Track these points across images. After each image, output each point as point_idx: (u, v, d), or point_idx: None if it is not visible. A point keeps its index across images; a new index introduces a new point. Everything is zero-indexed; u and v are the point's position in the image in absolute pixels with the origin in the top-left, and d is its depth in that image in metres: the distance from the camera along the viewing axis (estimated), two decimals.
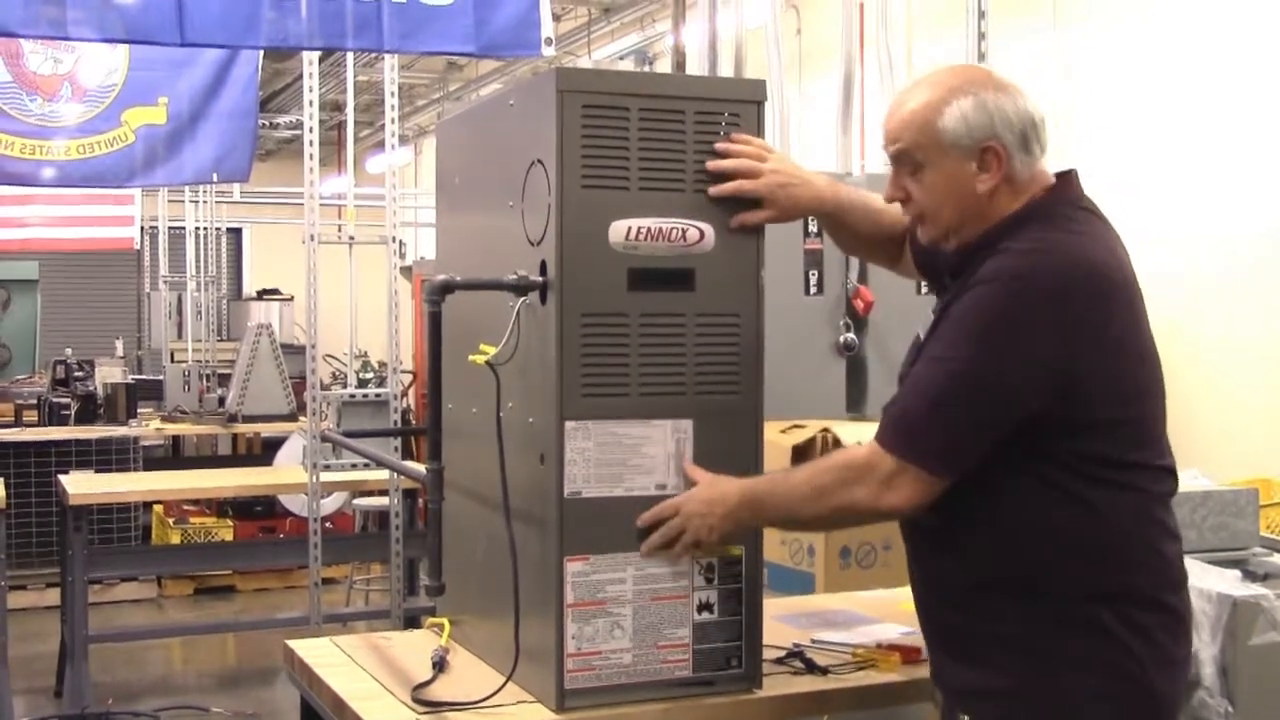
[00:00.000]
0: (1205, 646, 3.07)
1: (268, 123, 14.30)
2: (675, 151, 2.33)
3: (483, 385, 2.41)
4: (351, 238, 6.16)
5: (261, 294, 15.46)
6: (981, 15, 3.84)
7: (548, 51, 4.36)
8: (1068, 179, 2.29)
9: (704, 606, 2.37)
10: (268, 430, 9.13)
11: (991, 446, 2.12)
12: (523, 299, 2.33)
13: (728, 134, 2.36)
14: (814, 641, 2.66)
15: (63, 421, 8.63)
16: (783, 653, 2.57)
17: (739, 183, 2.34)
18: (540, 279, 2.30)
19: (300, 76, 5.99)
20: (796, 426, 4.21)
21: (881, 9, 3.68)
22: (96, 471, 7.91)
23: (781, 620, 2.80)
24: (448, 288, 2.39)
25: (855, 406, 3.33)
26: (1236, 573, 3.33)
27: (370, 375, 9.21)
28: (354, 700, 2.40)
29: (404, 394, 8.67)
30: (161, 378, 9.68)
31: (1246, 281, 6.00)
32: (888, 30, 3.63)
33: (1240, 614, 3.16)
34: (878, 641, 2.62)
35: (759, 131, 2.40)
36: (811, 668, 2.52)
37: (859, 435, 3.97)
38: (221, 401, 9.13)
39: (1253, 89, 6.22)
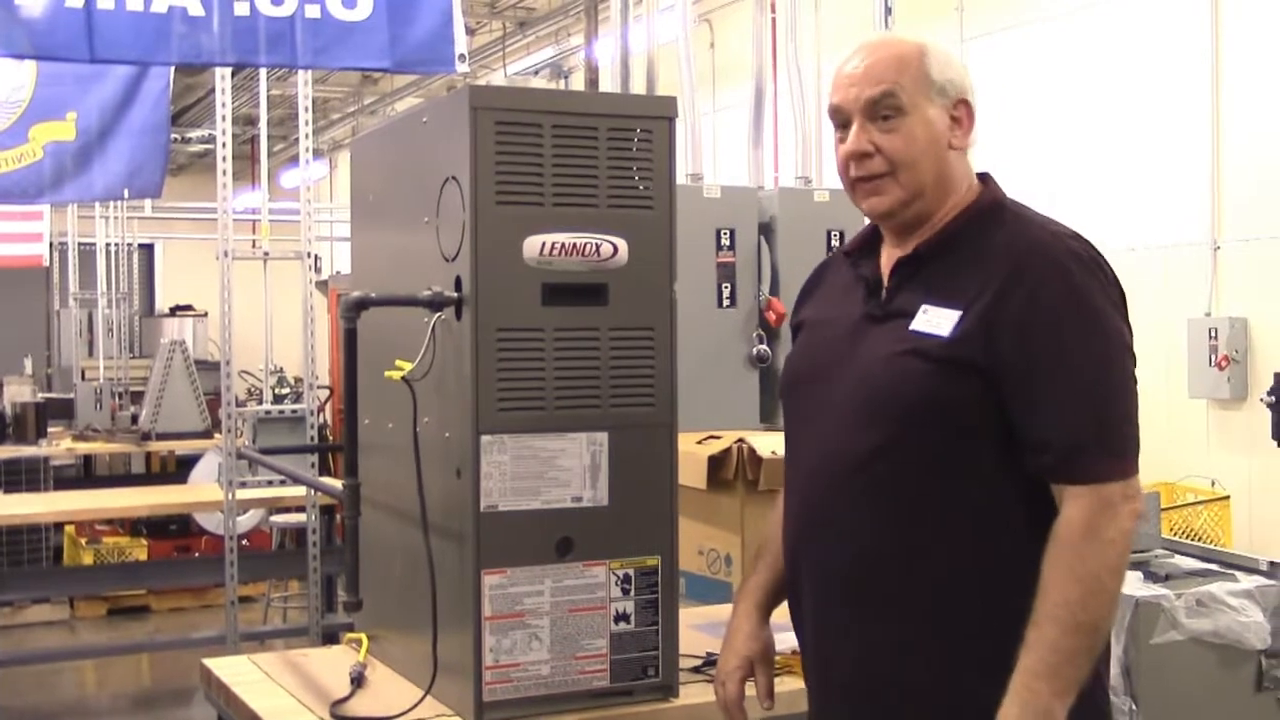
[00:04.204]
0: (1109, 647, 3.16)
1: (180, 137, 14.16)
2: (588, 168, 2.36)
3: (399, 401, 2.43)
4: (266, 253, 6.12)
5: (174, 310, 15.28)
6: (888, 30, 3.90)
7: (461, 68, 4.38)
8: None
9: (621, 617, 2.40)
10: (182, 448, 9.02)
11: None
12: (438, 314, 2.35)
13: (640, 150, 2.40)
14: None
15: None
16: (699, 661, 2.60)
17: None
18: (455, 295, 2.33)
19: (212, 90, 5.94)
20: (712, 437, 4.25)
21: (791, 22, 3.73)
22: (6, 492, 7.75)
23: (699, 629, 2.82)
24: (363, 304, 2.41)
25: (769, 417, 3.36)
26: (1139, 574, 3.42)
27: (286, 391, 9.14)
28: (272, 718, 2.40)
29: (320, 409, 8.60)
30: (72, 396, 9.53)
31: (1144, 291, 6.14)
32: (797, 43, 3.67)
33: (1142, 614, 3.26)
34: (793, 648, 2.64)
35: (670, 146, 2.43)
36: None
37: (774, 445, 4.03)
38: (134, 419, 9.00)
39: (1150, 110, 6.38)
